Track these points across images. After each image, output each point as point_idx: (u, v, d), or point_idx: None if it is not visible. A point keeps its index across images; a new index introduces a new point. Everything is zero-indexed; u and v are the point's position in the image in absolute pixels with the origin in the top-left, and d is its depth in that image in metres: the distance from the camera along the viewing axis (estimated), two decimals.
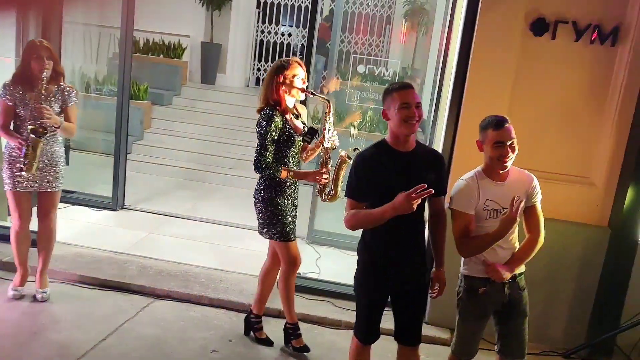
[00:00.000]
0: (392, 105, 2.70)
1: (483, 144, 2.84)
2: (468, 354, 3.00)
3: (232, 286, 4.56)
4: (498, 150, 2.77)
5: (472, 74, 4.01)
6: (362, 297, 2.94)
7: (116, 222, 5.79)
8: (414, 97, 2.69)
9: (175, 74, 9.76)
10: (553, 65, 3.97)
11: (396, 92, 2.69)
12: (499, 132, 2.77)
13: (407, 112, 2.66)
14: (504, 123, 2.79)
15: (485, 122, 2.85)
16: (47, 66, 3.77)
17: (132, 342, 3.73)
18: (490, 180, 2.85)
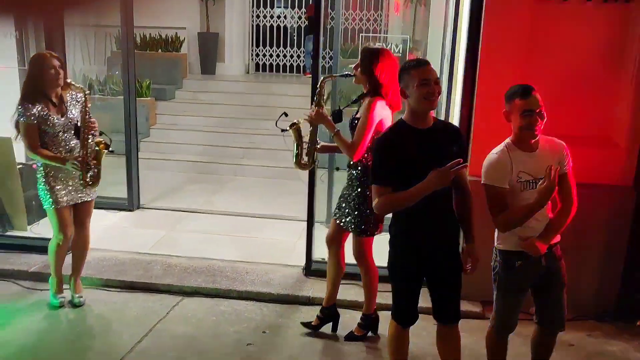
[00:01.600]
0: (410, 83, 2.66)
1: (510, 114, 2.79)
2: (508, 328, 2.99)
3: (259, 277, 4.55)
4: (526, 119, 2.72)
5: (484, 43, 3.94)
6: (398, 281, 2.92)
7: (135, 223, 5.79)
8: (433, 74, 2.67)
9: (176, 68, 9.70)
10: (566, 28, 3.89)
11: (414, 70, 2.66)
12: (527, 101, 2.72)
13: (427, 88, 2.63)
14: (531, 91, 2.74)
15: (510, 91, 2.80)
16: (62, 77, 3.74)
17: (167, 342, 3.74)
18: (521, 152, 2.81)
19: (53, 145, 3.78)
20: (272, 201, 6.53)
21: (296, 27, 11.49)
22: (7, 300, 4.21)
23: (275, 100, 9.20)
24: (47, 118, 3.72)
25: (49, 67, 3.71)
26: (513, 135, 2.84)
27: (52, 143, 3.78)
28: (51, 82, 3.73)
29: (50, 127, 3.74)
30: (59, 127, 3.76)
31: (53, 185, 3.83)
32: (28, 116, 3.68)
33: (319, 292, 4.31)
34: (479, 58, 3.99)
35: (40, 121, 3.71)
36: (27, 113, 3.68)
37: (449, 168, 2.56)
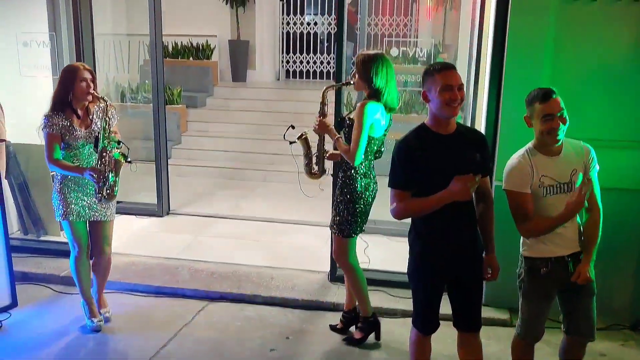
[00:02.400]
0: (433, 87, 2.60)
1: (531, 119, 2.74)
2: (534, 336, 2.92)
3: (284, 283, 4.55)
4: (547, 124, 2.66)
5: (510, 46, 3.87)
6: (418, 288, 2.88)
7: (164, 228, 5.87)
8: (457, 79, 2.60)
9: (206, 75, 9.81)
10: (594, 28, 3.79)
11: (438, 74, 2.59)
12: (547, 105, 2.66)
13: (450, 94, 2.57)
14: (551, 95, 2.68)
15: (530, 96, 2.74)
16: (92, 90, 3.69)
17: (192, 346, 3.77)
18: (543, 156, 2.75)
19: (75, 157, 3.73)
20: (299, 207, 6.53)
21: (326, 34, 11.51)
22: (40, 303, 4.31)
23: (305, 106, 9.22)
24: (70, 130, 3.68)
25: (80, 79, 3.67)
26: (535, 140, 2.78)
27: (74, 156, 3.73)
28: (81, 95, 3.68)
29: (73, 139, 3.69)
30: (82, 139, 3.71)
31: (66, 197, 3.75)
32: (51, 126, 3.64)
33: (344, 298, 4.28)
34: (504, 62, 3.92)
35: (64, 132, 3.67)
36: (50, 123, 3.65)
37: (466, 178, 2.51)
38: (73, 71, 3.71)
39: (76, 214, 3.77)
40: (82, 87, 3.66)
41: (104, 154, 3.65)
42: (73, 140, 3.70)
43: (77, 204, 3.76)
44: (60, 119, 3.67)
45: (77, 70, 3.71)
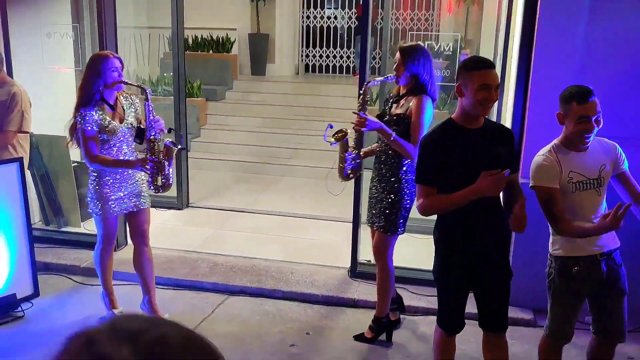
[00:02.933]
0: (469, 84, 2.53)
1: (565, 118, 2.66)
2: (563, 338, 2.85)
3: (304, 278, 4.53)
4: (582, 125, 2.59)
5: (538, 43, 3.79)
6: (444, 287, 2.83)
7: (183, 221, 5.87)
8: (495, 79, 2.54)
9: (226, 68, 9.81)
10: (625, 25, 3.70)
11: (477, 72, 2.52)
12: (585, 106, 2.58)
13: (486, 94, 2.50)
14: (589, 96, 2.59)
15: (567, 93, 2.66)
16: (123, 79, 3.50)
17: (212, 340, 3.73)
18: (570, 151, 2.68)
19: (114, 151, 3.52)
20: (318, 202, 6.50)
21: (346, 28, 11.45)
22: (61, 294, 4.33)
23: (325, 101, 9.19)
24: (107, 125, 3.44)
25: (111, 68, 3.41)
26: (563, 137, 2.71)
27: (111, 150, 3.51)
28: (113, 85, 3.44)
29: (111, 133, 3.46)
30: (120, 133, 3.49)
31: (104, 195, 3.55)
32: (86, 122, 3.39)
33: (364, 295, 4.26)
34: (532, 58, 3.84)
35: (100, 128, 3.43)
36: (86, 119, 3.38)
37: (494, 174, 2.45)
38: (103, 60, 3.44)
39: (112, 210, 3.61)
40: (114, 76, 3.42)
41: (153, 143, 3.47)
42: (111, 134, 3.47)
43: (115, 199, 3.59)
44: (94, 113, 3.42)
45: (107, 58, 3.45)
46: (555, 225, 2.69)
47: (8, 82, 4.46)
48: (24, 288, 4.13)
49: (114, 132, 3.47)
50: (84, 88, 3.46)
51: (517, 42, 4.05)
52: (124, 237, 5.05)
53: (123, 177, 3.58)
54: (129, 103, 3.62)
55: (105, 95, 3.46)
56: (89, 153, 3.44)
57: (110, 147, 3.50)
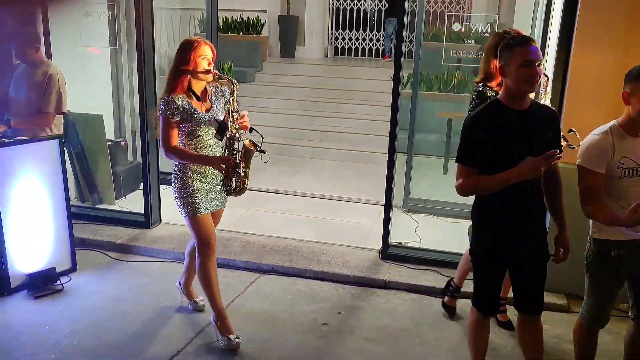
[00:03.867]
0: (511, 62, 2.50)
1: (631, 97, 2.57)
2: (600, 323, 2.82)
3: (335, 258, 4.56)
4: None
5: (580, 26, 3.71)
6: (480, 268, 2.82)
7: None
8: (537, 55, 2.49)
9: (256, 50, 9.83)
10: None
11: (518, 48, 2.49)
12: None
13: (530, 70, 2.47)
14: None
15: (636, 71, 2.57)
16: (213, 68, 3.22)
17: (245, 317, 3.82)
18: (627, 136, 2.61)
19: (197, 145, 3.26)
20: (348, 184, 6.52)
21: (376, 10, 11.36)
22: (97, 269, 4.43)
23: (354, 83, 9.17)
24: (191, 113, 3.19)
25: (202, 56, 3.17)
26: (626, 119, 2.62)
27: (196, 144, 3.26)
28: (202, 74, 3.18)
29: (195, 123, 3.21)
30: (205, 124, 3.23)
31: (192, 191, 3.29)
32: (171, 110, 3.15)
33: (395, 276, 4.28)
34: (573, 41, 3.78)
35: (184, 117, 3.18)
36: (169, 107, 3.15)
37: (543, 159, 2.43)
38: (192, 46, 3.17)
39: (204, 207, 3.34)
40: (203, 64, 3.18)
41: (232, 141, 3.21)
42: (195, 126, 3.22)
43: (204, 196, 3.34)
44: (179, 101, 3.18)
45: (197, 45, 3.19)
46: (586, 207, 2.64)
47: (45, 62, 4.53)
48: (63, 262, 4.24)
49: (198, 123, 3.21)
50: (171, 74, 3.22)
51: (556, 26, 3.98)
52: (158, 215, 5.15)
53: (209, 171, 3.33)
54: (219, 94, 3.37)
55: (193, 84, 3.22)
56: (166, 142, 3.20)
57: (193, 139, 3.25)
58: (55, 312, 3.80)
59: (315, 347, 3.48)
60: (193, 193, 3.30)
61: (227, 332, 3.44)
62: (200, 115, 3.21)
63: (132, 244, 4.75)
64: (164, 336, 3.56)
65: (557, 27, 3.94)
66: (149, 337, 3.55)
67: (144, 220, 5.05)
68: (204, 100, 3.28)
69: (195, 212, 3.32)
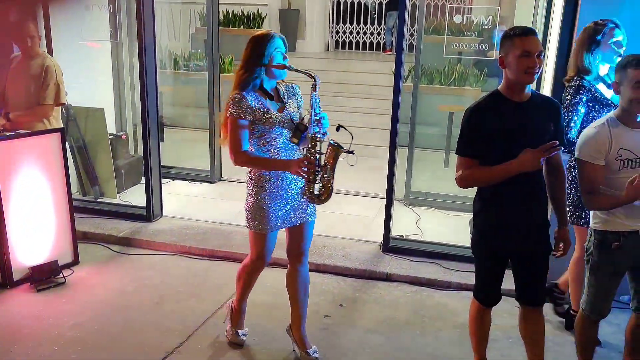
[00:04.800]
0: (511, 52, 2.50)
1: (620, 86, 2.61)
2: (600, 314, 2.83)
3: (336, 251, 4.57)
4: (638, 91, 2.54)
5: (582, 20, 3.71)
6: (481, 260, 2.83)
7: (216, 194, 5.95)
8: (537, 45, 2.49)
9: None
10: None
11: (518, 39, 2.49)
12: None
13: (528, 61, 2.47)
14: None
15: (623, 61, 2.61)
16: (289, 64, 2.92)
17: (247, 309, 3.82)
18: (625, 127, 2.63)
19: (269, 149, 2.92)
20: (350, 177, 6.51)
21: (377, 4, 11.33)
22: (99, 262, 4.44)
23: (355, 77, 9.16)
24: (265, 113, 2.86)
25: (277, 49, 2.87)
26: (619, 109, 2.66)
27: (267, 147, 2.92)
28: (277, 72, 2.88)
29: (268, 124, 2.87)
30: (279, 126, 2.90)
31: (265, 208, 2.98)
32: (242, 110, 2.83)
33: (396, 269, 4.29)
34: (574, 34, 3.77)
35: (256, 117, 2.86)
36: (240, 106, 2.83)
37: (542, 150, 2.44)
38: (266, 39, 2.87)
39: (274, 225, 3.04)
40: (277, 59, 2.87)
41: (315, 142, 2.86)
42: (268, 127, 2.88)
43: (278, 213, 3.01)
44: (250, 100, 2.86)
45: (271, 38, 2.87)
46: (587, 197, 2.67)
47: (41, 54, 4.53)
48: (65, 255, 4.25)
49: (272, 122, 2.87)
50: (242, 70, 2.89)
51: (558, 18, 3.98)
52: (159, 208, 5.16)
53: (286, 182, 2.97)
54: (290, 92, 3.06)
55: (265, 81, 2.92)
56: (236, 146, 2.86)
57: (265, 143, 2.92)
58: (58, 304, 3.82)
59: (317, 339, 3.49)
60: (266, 209, 2.98)
61: (238, 326, 3.43)
62: (274, 115, 2.88)
63: (134, 237, 4.76)
64: (165, 329, 3.57)
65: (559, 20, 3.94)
66: (151, 330, 3.57)
67: (145, 214, 5.06)
68: (276, 99, 2.96)
69: (263, 230, 3.03)
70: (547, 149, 2.43)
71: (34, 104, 4.45)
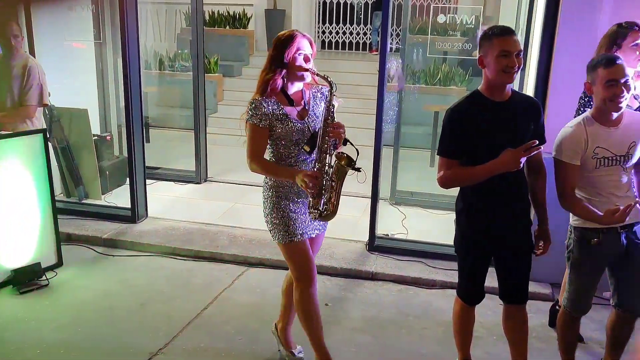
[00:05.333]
0: (489, 52, 2.51)
1: (592, 86, 2.64)
2: (581, 310, 2.86)
3: (322, 251, 4.56)
4: (611, 90, 2.56)
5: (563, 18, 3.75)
6: (465, 258, 2.85)
7: (202, 195, 5.93)
8: (516, 45, 2.50)
9: (243, 44, 9.81)
10: None
11: (496, 38, 2.50)
12: (611, 70, 2.56)
13: (507, 60, 2.47)
14: (616, 60, 2.58)
15: (594, 61, 2.65)
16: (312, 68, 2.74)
17: (232, 309, 3.82)
18: (600, 126, 2.66)
19: (286, 158, 2.78)
20: None
21: (363, 4, 11.35)
22: (83, 264, 4.41)
23: (341, 77, 9.13)
24: (284, 120, 2.71)
25: (299, 51, 2.69)
26: (594, 109, 2.69)
27: (285, 156, 2.78)
28: (300, 76, 2.73)
29: (287, 132, 2.71)
30: (298, 133, 2.73)
31: (288, 213, 2.81)
32: (259, 116, 2.68)
33: (382, 268, 4.30)
34: (556, 34, 3.81)
35: (275, 124, 2.71)
36: (258, 112, 2.68)
37: (522, 150, 2.45)
38: (289, 40, 2.69)
39: (300, 233, 2.83)
40: (301, 62, 2.70)
41: (325, 154, 2.69)
42: (286, 135, 2.73)
43: (300, 219, 2.84)
44: (271, 105, 2.71)
45: (294, 38, 2.70)
46: (561, 199, 2.70)
47: (23, 55, 4.49)
48: (49, 257, 4.22)
49: (291, 131, 2.72)
50: (265, 72, 2.75)
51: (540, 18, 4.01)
52: (144, 210, 5.13)
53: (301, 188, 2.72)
54: (318, 97, 2.87)
55: (288, 85, 2.76)
56: (252, 152, 2.75)
57: (285, 153, 2.78)
58: (41, 307, 3.78)
59: (302, 337, 3.48)
60: (287, 216, 2.81)
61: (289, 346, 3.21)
62: (293, 122, 2.72)
63: (119, 239, 4.73)
64: (150, 330, 3.55)
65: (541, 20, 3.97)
66: (135, 331, 3.55)
67: (130, 215, 5.03)
68: (298, 105, 2.78)
69: (291, 239, 2.82)
70: (527, 149, 2.45)
71: (16, 104, 4.41)
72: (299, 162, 2.79)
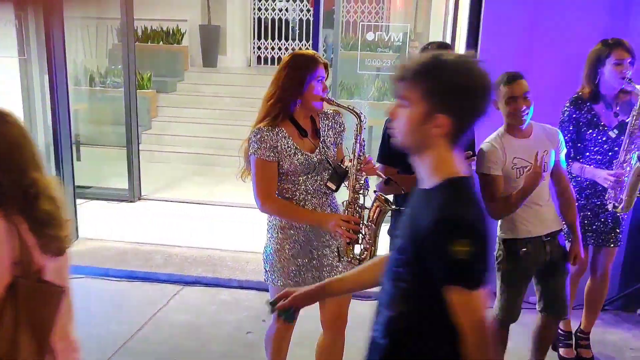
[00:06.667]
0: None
1: (497, 102, 2.81)
2: (512, 318, 2.98)
3: (260, 266, 4.41)
4: (511, 106, 2.75)
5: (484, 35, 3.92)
6: None
7: (136, 213, 5.81)
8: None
9: (177, 60, 9.70)
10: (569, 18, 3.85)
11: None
12: (511, 87, 2.74)
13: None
14: (516, 77, 2.76)
15: (498, 78, 2.81)
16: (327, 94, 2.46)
17: (168, 330, 3.75)
18: (514, 138, 2.83)
19: (288, 189, 2.48)
20: None
21: (298, 20, 11.47)
22: None
23: None
24: (292, 154, 2.40)
25: (316, 77, 2.37)
26: (505, 124, 2.86)
27: (288, 187, 2.48)
28: (313, 104, 2.40)
29: (294, 166, 2.41)
30: (305, 167, 2.43)
31: (287, 255, 2.51)
32: (266, 149, 2.37)
33: None
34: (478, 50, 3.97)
35: (282, 157, 2.40)
36: (263, 144, 2.37)
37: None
38: (308, 64, 2.37)
39: (292, 278, 2.53)
40: (317, 90, 2.38)
41: (357, 194, 2.38)
42: (291, 169, 2.42)
43: (301, 260, 2.52)
44: (277, 136, 2.39)
45: (314, 62, 2.38)
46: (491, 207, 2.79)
47: None
48: None
49: (295, 165, 2.41)
50: (273, 99, 2.41)
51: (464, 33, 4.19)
52: (74, 231, 4.97)
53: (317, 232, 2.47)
54: (329, 124, 2.56)
55: (297, 112, 2.44)
56: (262, 191, 2.42)
57: (291, 185, 2.47)
58: None
59: (240, 356, 3.47)
60: (285, 259, 2.52)
61: None
62: (303, 156, 2.41)
63: None
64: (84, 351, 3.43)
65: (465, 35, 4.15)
66: None
67: None
68: (310, 134, 2.47)
69: (276, 281, 2.57)
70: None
71: None
72: (309, 197, 2.46)
